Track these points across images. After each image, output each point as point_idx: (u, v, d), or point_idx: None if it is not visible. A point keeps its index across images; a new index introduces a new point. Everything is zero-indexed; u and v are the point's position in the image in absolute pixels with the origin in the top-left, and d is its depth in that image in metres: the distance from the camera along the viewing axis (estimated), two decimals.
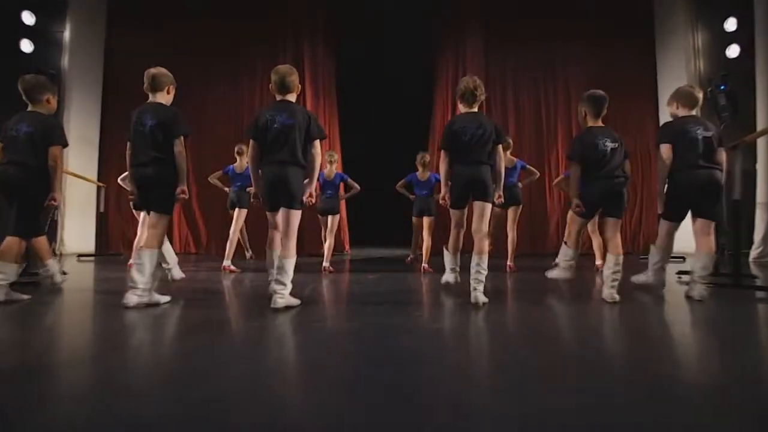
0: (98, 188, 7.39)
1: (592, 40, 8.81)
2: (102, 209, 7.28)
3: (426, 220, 5.51)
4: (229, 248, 5.08)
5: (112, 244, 8.60)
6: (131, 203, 3.93)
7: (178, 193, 3.01)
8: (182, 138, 3.02)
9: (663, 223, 3.42)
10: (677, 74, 8.17)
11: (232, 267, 5.03)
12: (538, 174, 5.76)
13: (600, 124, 3.31)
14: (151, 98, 3.14)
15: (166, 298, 3.03)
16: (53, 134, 3.15)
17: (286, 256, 2.86)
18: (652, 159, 8.45)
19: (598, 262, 5.37)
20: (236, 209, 5.20)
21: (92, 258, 7.07)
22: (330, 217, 5.24)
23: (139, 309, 2.74)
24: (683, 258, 6.43)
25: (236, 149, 5.43)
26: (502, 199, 3.46)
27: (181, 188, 3.01)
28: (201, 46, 8.89)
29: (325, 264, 5.09)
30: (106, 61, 8.81)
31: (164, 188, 3.01)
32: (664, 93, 8.58)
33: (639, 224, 8.53)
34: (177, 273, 4.03)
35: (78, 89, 8.11)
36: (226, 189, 5.59)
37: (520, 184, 5.43)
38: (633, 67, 8.79)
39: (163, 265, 3.84)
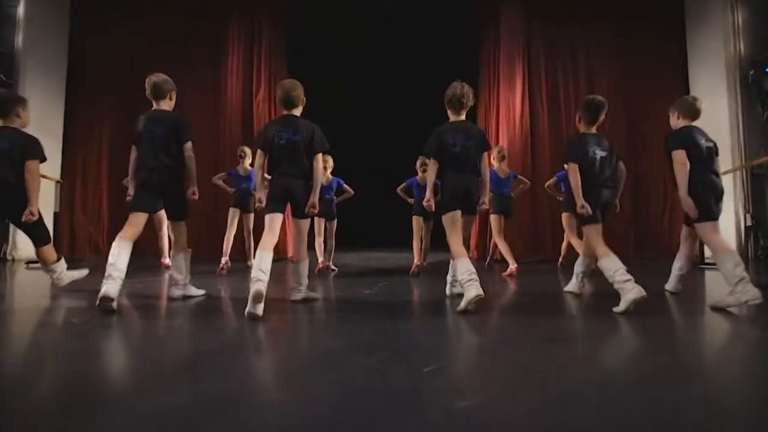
0: (56, 185, 6.44)
1: (613, 19, 7.85)
2: (58, 209, 6.33)
3: (426, 223, 5.42)
4: (252, 248, 5.44)
5: (78, 247, 7.68)
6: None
7: (189, 194, 3.27)
8: (191, 143, 3.22)
9: (703, 226, 3.11)
10: (713, 55, 7.26)
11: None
12: (530, 183, 6.03)
13: (593, 131, 3.30)
14: (155, 106, 3.25)
15: (201, 291, 3.48)
16: (31, 149, 3.33)
17: (299, 260, 3.22)
18: None
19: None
20: (240, 212, 5.43)
21: None
22: (326, 222, 5.35)
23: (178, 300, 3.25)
24: None
25: (238, 152, 5.61)
26: (487, 206, 3.40)
27: (192, 189, 3.27)
28: (177, 27, 8.00)
29: (328, 263, 5.41)
30: (72, 42, 7.86)
31: (178, 197, 3.26)
32: (697, 76, 7.66)
33: (670, 225, 7.58)
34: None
35: (37, 73, 7.15)
36: (230, 189, 5.62)
37: (512, 195, 5.59)
38: (659, 48, 7.85)
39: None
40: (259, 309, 2.63)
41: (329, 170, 5.36)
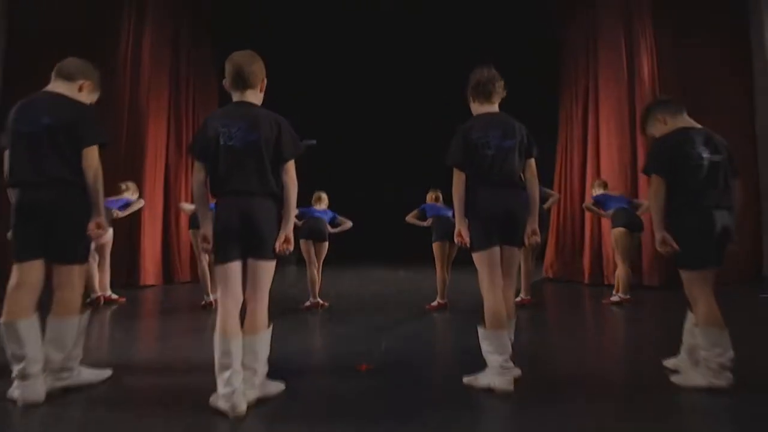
0: None
1: None
2: None
3: (452, 247, 4.38)
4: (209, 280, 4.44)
5: None
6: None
7: (92, 227, 2.10)
8: (97, 148, 2.13)
9: None
10: None
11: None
12: (558, 196, 5.34)
13: (693, 123, 2.37)
14: (50, 87, 2.18)
15: (105, 373, 2.25)
16: None
17: (255, 330, 1.98)
18: (747, 154, 6.05)
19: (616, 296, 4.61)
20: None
21: None
22: (315, 243, 4.44)
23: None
24: None
25: None
26: (539, 238, 2.41)
27: (97, 221, 2.11)
28: None
29: (315, 300, 4.45)
30: (12, 14, 6.51)
31: (73, 226, 2.08)
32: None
33: (741, 245, 6.08)
34: None
35: None
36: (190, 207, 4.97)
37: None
38: (717, 30, 6.42)
39: None
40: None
41: (324, 204, 4.71)
